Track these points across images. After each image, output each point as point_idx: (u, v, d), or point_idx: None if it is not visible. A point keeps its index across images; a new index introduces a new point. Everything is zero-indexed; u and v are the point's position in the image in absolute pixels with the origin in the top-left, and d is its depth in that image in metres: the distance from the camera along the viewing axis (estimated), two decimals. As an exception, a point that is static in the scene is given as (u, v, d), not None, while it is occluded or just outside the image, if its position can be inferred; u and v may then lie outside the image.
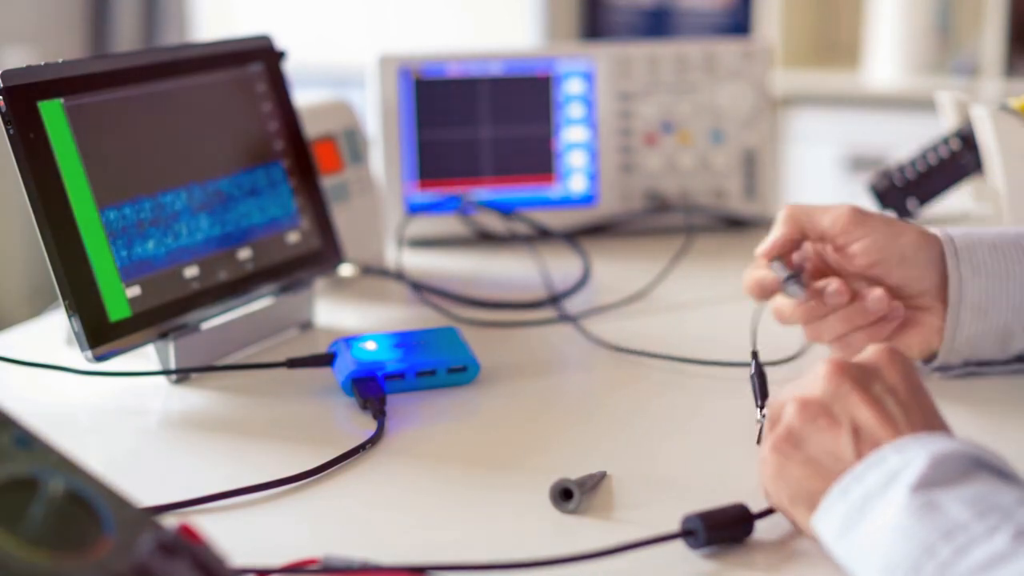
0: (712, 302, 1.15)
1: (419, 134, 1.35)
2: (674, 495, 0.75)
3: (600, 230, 1.39)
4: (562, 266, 1.23)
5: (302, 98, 1.14)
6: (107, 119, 0.92)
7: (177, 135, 0.98)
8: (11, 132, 0.86)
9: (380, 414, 0.86)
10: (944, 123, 1.23)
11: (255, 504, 0.75)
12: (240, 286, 1.00)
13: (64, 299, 0.87)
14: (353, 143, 1.24)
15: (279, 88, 1.08)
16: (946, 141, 1.19)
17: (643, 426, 0.87)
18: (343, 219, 1.18)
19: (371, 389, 0.89)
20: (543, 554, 0.65)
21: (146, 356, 0.95)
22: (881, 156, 2.49)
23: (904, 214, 1.21)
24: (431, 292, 1.15)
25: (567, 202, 1.38)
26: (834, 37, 2.97)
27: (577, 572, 0.65)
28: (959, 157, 1.18)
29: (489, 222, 1.34)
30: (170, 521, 0.56)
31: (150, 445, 0.86)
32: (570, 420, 0.89)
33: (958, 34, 2.72)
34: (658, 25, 2.98)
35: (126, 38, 3.08)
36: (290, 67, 1.10)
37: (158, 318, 0.93)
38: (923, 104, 2.09)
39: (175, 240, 0.95)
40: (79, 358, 0.89)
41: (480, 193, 1.35)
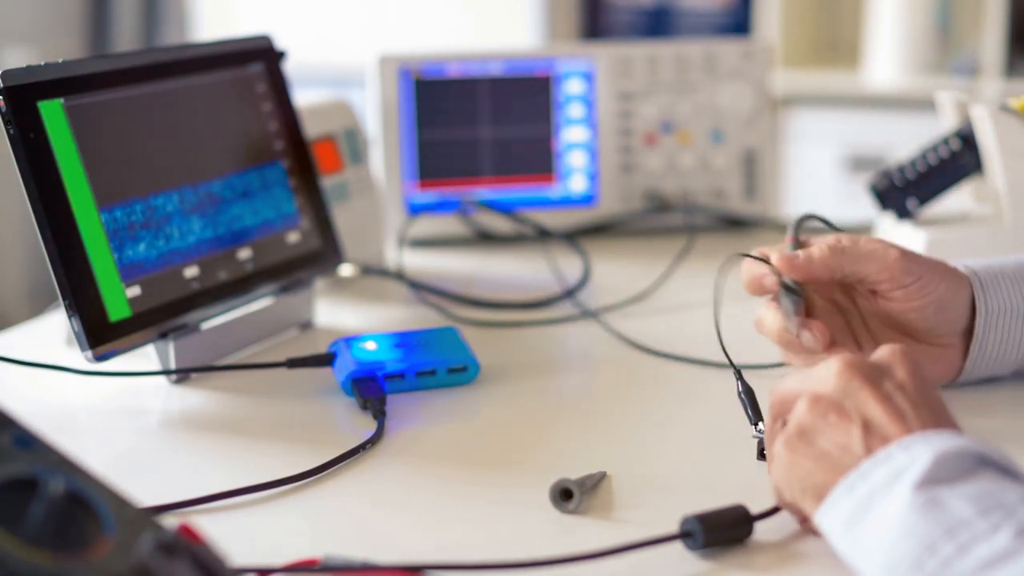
0: (711, 301, 1.15)
1: (419, 134, 1.35)
2: (674, 496, 0.75)
3: (600, 230, 1.39)
4: (562, 266, 1.23)
5: (302, 98, 1.13)
6: (107, 119, 0.92)
7: (177, 135, 0.98)
8: (11, 132, 0.86)
9: (380, 414, 0.86)
10: (944, 123, 1.23)
11: (255, 504, 0.75)
12: (240, 286, 1.00)
13: (64, 299, 0.87)
14: (353, 143, 1.24)
15: (279, 88, 1.08)
16: (946, 141, 1.19)
17: (643, 426, 0.87)
18: (343, 219, 1.18)
19: (371, 389, 0.89)
20: (543, 554, 0.65)
21: (146, 356, 0.95)
22: (881, 156, 2.49)
23: (904, 214, 1.21)
24: (431, 292, 1.15)
25: (567, 202, 1.38)
26: (834, 37, 2.97)
27: (576, 572, 0.65)
28: (959, 157, 1.18)
29: (489, 222, 1.34)
30: (170, 521, 0.56)
31: (150, 445, 0.86)
32: (570, 420, 0.89)
33: (958, 34, 2.72)
34: (658, 25, 2.98)
35: (126, 38, 3.08)
36: (290, 67, 1.10)
37: (158, 318, 0.93)
38: (923, 104, 2.09)
39: (175, 240, 0.95)
40: (79, 358, 0.89)
41: (480, 193, 1.35)
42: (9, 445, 0.55)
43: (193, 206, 0.97)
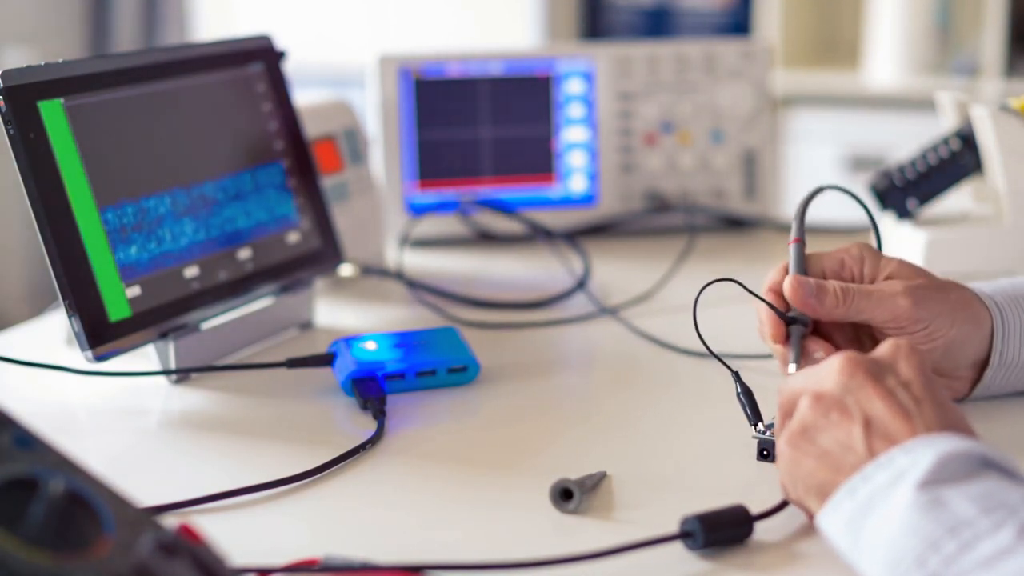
0: (712, 302, 1.15)
1: (419, 134, 1.35)
2: (674, 496, 0.75)
3: (600, 230, 1.38)
4: (562, 266, 1.23)
5: (302, 98, 1.13)
6: (107, 119, 0.92)
7: (176, 135, 0.98)
8: (11, 132, 0.86)
9: (380, 414, 0.86)
10: (944, 123, 1.23)
11: (255, 504, 0.75)
12: (240, 286, 1.00)
13: (64, 299, 0.87)
14: (353, 143, 1.24)
15: (279, 88, 1.08)
16: (946, 141, 1.19)
17: (643, 426, 0.87)
18: (343, 219, 1.18)
19: (371, 389, 0.89)
20: (543, 554, 0.65)
21: (146, 356, 0.95)
22: (881, 156, 2.49)
23: (904, 214, 1.21)
24: (431, 292, 1.15)
25: (567, 202, 1.38)
26: (834, 37, 2.97)
27: (576, 572, 0.65)
28: (959, 157, 1.18)
29: (489, 222, 1.34)
30: (170, 521, 0.56)
31: (150, 445, 0.86)
32: (570, 420, 0.89)
33: (958, 34, 2.72)
34: (658, 25, 2.98)
35: (126, 38, 3.07)
36: (290, 67, 1.10)
37: (158, 318, 0.93)
38: (923, 104, 2.09)
39: (175, 240, 0.95)
40: (79, 358, 0.89)
41: (480, 193, 1.35)
42: (9, 445, 0.55)
43: (193, 206, 0.97)
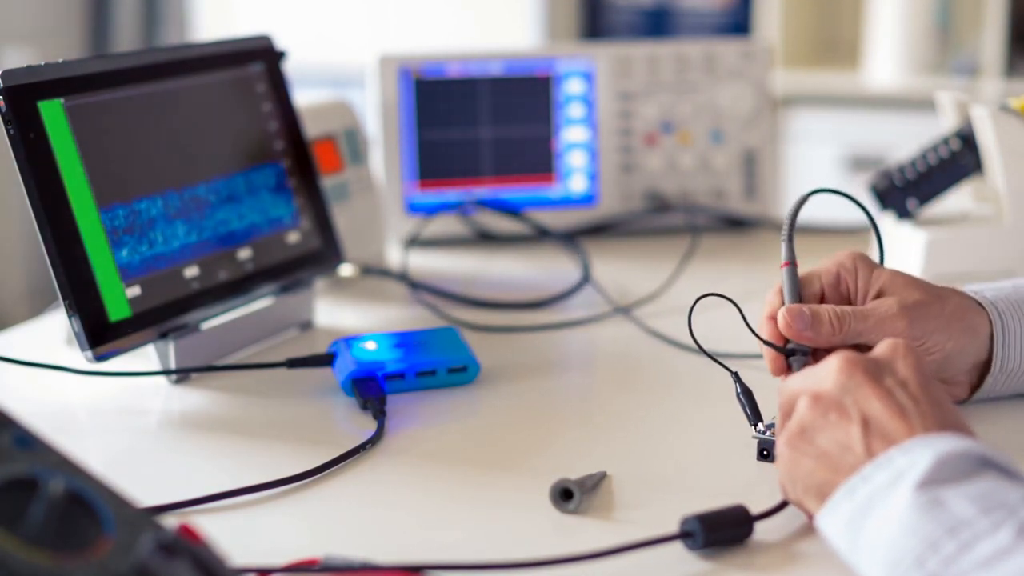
0: (712, 302, 1.15)
1: (419, 134, 1.34)
2: (674, 496, 0.75)
3: (600, 230, 1.38)
4: (562, 266, 1.23)
5: (302, 98, 1.13)
6: (107, 119, 0.92)
7: (177, 135, 0.98)
8: (11, 132, 0.86)
9: (380, 414, 0.86)
10: (944, 123, 1.23)
11: (255, 504, 0.75)
12: (240, 286, 1.00)
13: (64, 299, 0.87)
14: (353, 143, 1.24)
15: (279, 88, 1.08)
16: (946, 141, 1.19)
17: (643, 426, 0.87)
18: (343, 219, 1.18)
19: (371, 389, 0.89)
20: (543, 554, 0.65)
21: (146, 356, 0.95)
22: (881, 156, 2.49)
23: (904, 214, 1.21)
24: (431, 292, 1.15)
25: (567, 202, 1.38)
26: (834, 37, 2.97)
27: (576, 572, 0.65)
28: (959, 157, 1.18)
29: (489, 222, 1.34)
30: (170, 521, 0.56)
31: (150, 445, 0.86)
32: (570, 420, 0.89)
33: (958, 34, 2.72)
34: (658, 25, 2.98)
35: (126, 38, 3.08)
36: (290, 67, 1.10)
37: (158, 318, 0.93)
38: (923, 104, 2.09)
39: (175, 240, 0.95)
40: (79, 358, 0.89)
41: (480, 193, 1.35)
42: (9, 445, 0.55)
43: (193, 206, 0.97)
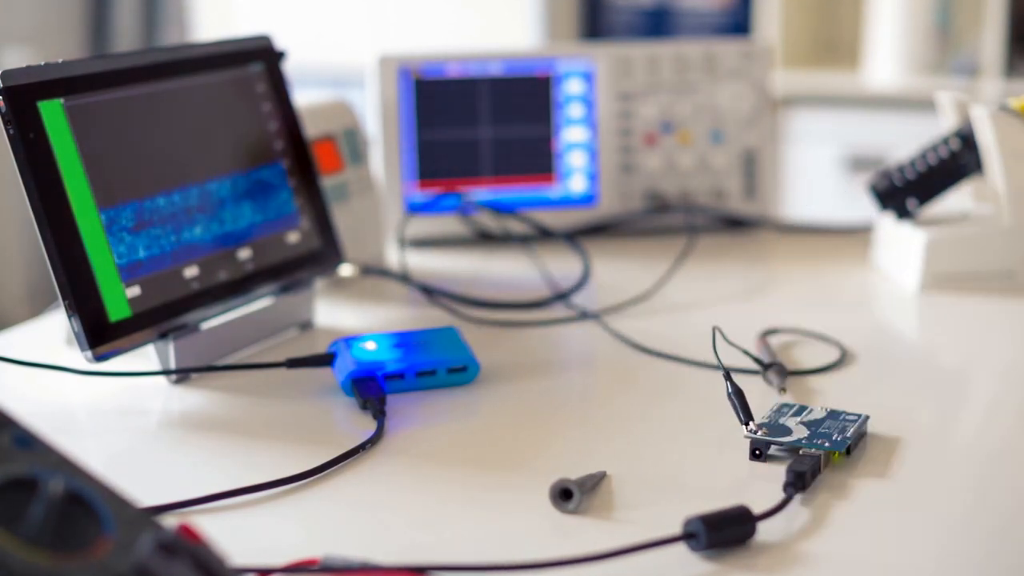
0: (712, 302, 1.15)
1: (419, 134, 1.34)
2: (674, 496, 0.75)
3: (600, 230, 1.38)
4: (562, 266, 1.23)
5: (302, 98, 1.13)
6: (107, 119, 0.92)
7: (177, 135, 0.98)
8: (11, 132, 0.86)
9: (380, 414, 0.86)
10: (944, 123, 1.23)
11: (255, 504, 0.75)
12: (240, 286, 1.00)
13: (64, 299, 0.87)
14: (353, 143, 1.24)
15: (279, 88, 1.08)
16: (946, 141, 1.19)
17: (644, 426, 0.87)
18: (343, 219, 1.18)
19: (371, 389, 0.89)
20: (543, 554, 0.65)
21: (146, 356, 0.95)
22: (881, 156, 2.49)
23: (904, 214, 1.21)
24: (431, 292, 1.15)
25: (567, 202, 1.38)
26: (834, 37, 2.97)
27: (577, 573, 0.65)
28: (959, 157, 1.18)
29: (489, 222, 1.34)
30: (170, 521, 0.56)
31: (150, 445, 0.86)
32: (570, 420, 0.89)
33: (958, 34, 2.71)
34: (658, 25, 2.98)
35: (126, 38, 3.08)
36: (290, 67, 1.10)
37: (158, 318, 0.93)
38: (923, 104, 2.09)
39: (175, 240, 0.95)
40: (79, 358, 0.89)
41: (480, 193, 1.35)
42: (9, 445, 0.55)
43: (193, 206, 0.97)
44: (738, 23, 2.91)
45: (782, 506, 0.71)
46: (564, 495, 0.73)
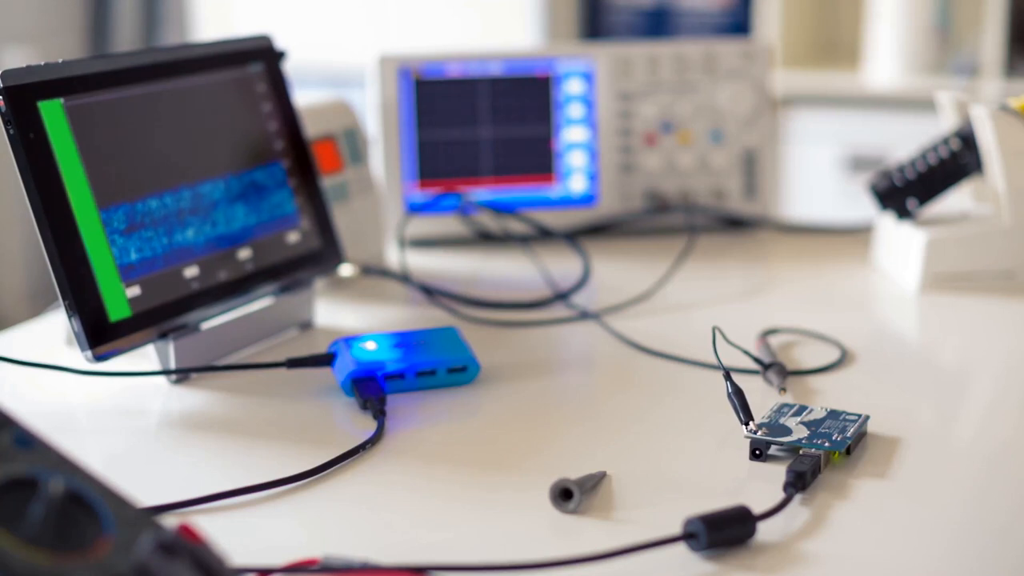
0: (712, 302, 1.15)
1: (419, 134, 1.34)
2: (674, 496, 0.75)
3: (600, 230, 1.38)
4: (562, 266, 1.23)
5: (302, 98, 1.13)
6: (107, 119, 0.92)
7: (177, 135, 0.98)
8: (11, 132, 0.86)
9: (380, 414, 0.86)
10: (944, 123, 1.23)
11: (255, 504, 0.75)
12: (240, 286, 1.00)
13: (64, 299, 0.87)
14: (353, 143, 1.24)
15: (279, 88, 1.08)
16: (946, 141, 1.19)
17: (644, 426, 0.87)
18: (343, 219, 1.18)
19: (371, 389, 0.89)
20: (543, 554, 0.65)
21: (146, 356, 0.95)
22: (881, 156, 2.49)
23: (904, 214, 1.21)
24: (431, 292, 1.15)
25: (567, 202, 1.38)
26: (834, 37, 2.97)
27: (577, 573, 0.65)
28: (959, 157, 1.18)
29: (489, 222, 1.34)
30: (170, 521, 0.56)
31: (150, 445, 0.86)
32: (570, 420, 0.89)
33: (958, 34, 2.72)
34: (658, 25, 2.98)
35: (126, 38, 3.08)
36: (290, 67, 1.10)
37: (158, 318, 0.93)
38: (923, 104, 2.09)
39: (175, 240, 0.95)
40: (79, 358, 0.89)
41: (480, 193, 1.35)
42: (9, 445, 0.55)
43: (193, 206, 0.97)
44: (738, 23, 2.91)
45: (782, 506, 0.71)
46: (564, 495, 0.73)
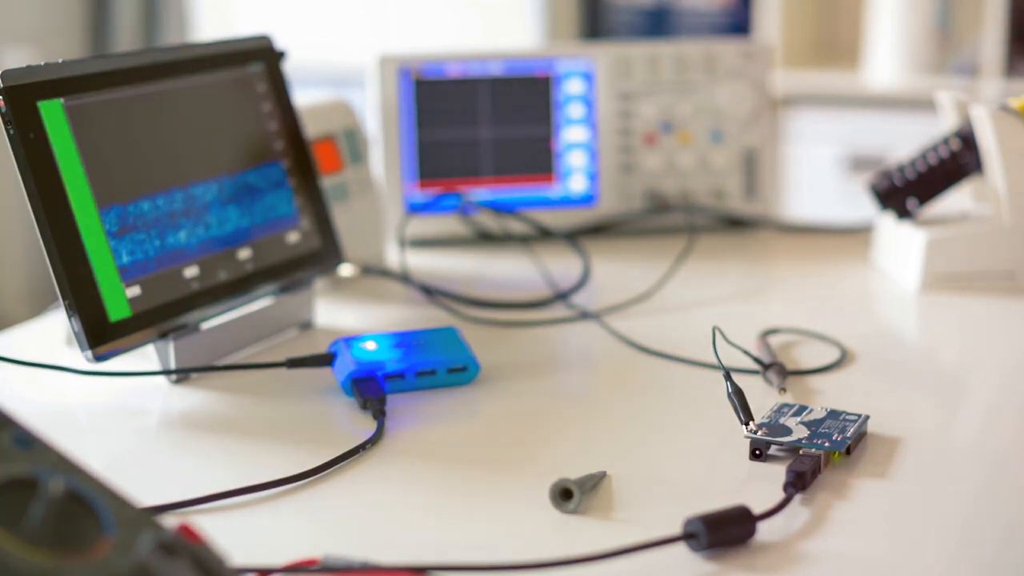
0: (712, 302, 1.15)
1: (419, 134, 1.34)
2: (674, 496, 0.75)
3: (600, 230, 1.38)
4: (562, 266, 1.23)
5: (302, 98, 1.13)
6: (107, 119, 0.92)
7: (177, 135, 0.98)
8: (11, 132, 0.86)
9: (380, 414, 0.86)
10: (944, 123, 1.23)
11: (255, 504, 0.75)
12: (240, 286, 1.00)
13: (64, 299, 0.87)
14: (353, 143, 1.24)
15: (279, 88, 1.08)
16: (946, 141, 1.19)
17: (643, 426, 0.87)
18: (343, 219, 1.18)
19: (371, 389, 0.89)
20: (543, 554, 0.65)
21: (146, 356, 0.95)
22: (881, 156, 2.49)
23: (904, 214, 1.21)
24: (431, 292, 1.15)
25: (567, 202, 1.38)
26: (834, 37, 2.97)
27: (577, 573, 0.65)
28: (959, 157, 1.18)
29: (489, 222, 1.34)
30: (170, 521, 0.56)
31: (150, 445, 0.86)
32: (570, 420, 0.89)
33: (958, 34, 2.72)
34: (658, 25, 2.98)
35: (126, 38, 3.08)
36: (290, 67, 1.10)
37: (158, 318, 0.93)
38: (923, 104, 2.09)
39: (175, 240, 0.95)
40: (79, 358, 0.89)
41: (480, 193, 1.35)
42: (9, 445, 0.55)
43: (193, 206, 0.97)
44: (738, 23, 2.91)
45: (782, 506, 0.71)
46: (564, 495, 0.73)
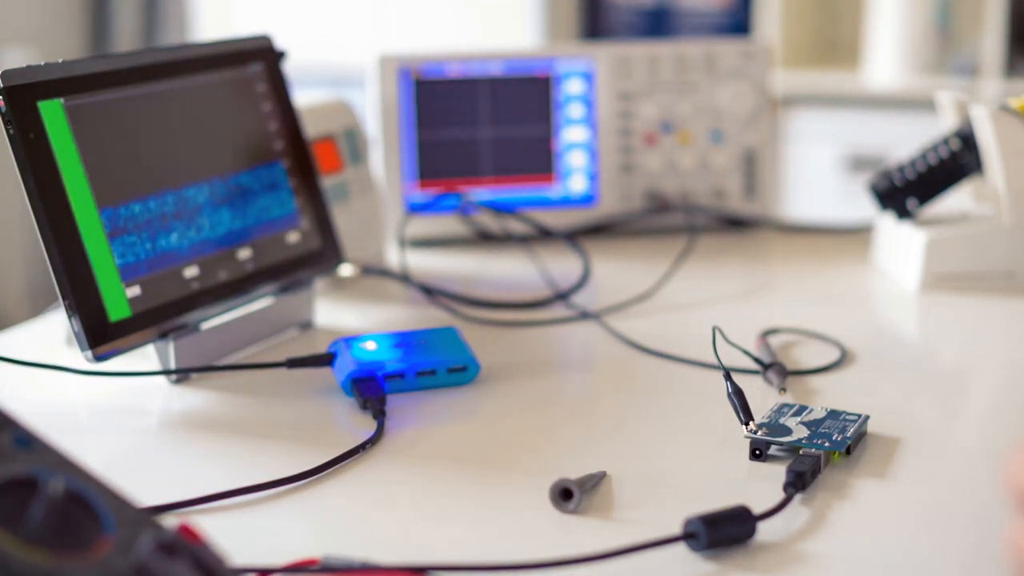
0: (712, 302, 1.15)
1: (419, 134, 1.34)
2: (674, 495, 0.75)
3: (600, 230, 1.38)
4: (562, 266, 1.23)
5: (302, 98, 1.13)
6: (107, 119, 0.92)
7: (177, 135, 0.98)
8: (11, 132, 0.86)
9: (380, 414, 0.86)
10: (944, 123, 1.23)
11: (255, 504, 0.75)
12: (240, 286, 1.00)
13: (64, 299, 0.87)
14: (353, 143, 1.24)
15: (279, 88, 1.08)
16: (946, 141, 1.19)
17: (644, 426, 0.87)
18: (343, 219, 1.18)
19: (371, 389, 0.89)
20: (543, 554, 0.65)
21: (146, 356, 0.95)
22: (881, 156, 2.49)
23: (904, 214, 1.21)
24: (431, 292, 1.15)
25: (567, 202, 1.38)
26: (834, 37, 2.97)
27: (577, 573, 0.65)
28: (959, 157, 1.18)
29: (489, 222, 1.34)
30: (170, 521, 0.56)
31: (150, 445, 0.86)
32: (570, 420, 0.89)
33: (958, 34, 2.72)
34: (658, 25, 2.98)
35: (126, 38, 3.08)
36: (290, 67, 1.10)
37: (158, 318, 0.93)
38: (923, 104, 2.09)
39: (175, 240, 0.95)
40: (79, 358, 0.89)
41: (480, 193, 1.35)
42: (9, 445, 0.55)
43: (193, 206, 0.97)
44: (738, 23, 2.91)
45: (782, 506, 0.71)
46: (564, 495, 0.73)
